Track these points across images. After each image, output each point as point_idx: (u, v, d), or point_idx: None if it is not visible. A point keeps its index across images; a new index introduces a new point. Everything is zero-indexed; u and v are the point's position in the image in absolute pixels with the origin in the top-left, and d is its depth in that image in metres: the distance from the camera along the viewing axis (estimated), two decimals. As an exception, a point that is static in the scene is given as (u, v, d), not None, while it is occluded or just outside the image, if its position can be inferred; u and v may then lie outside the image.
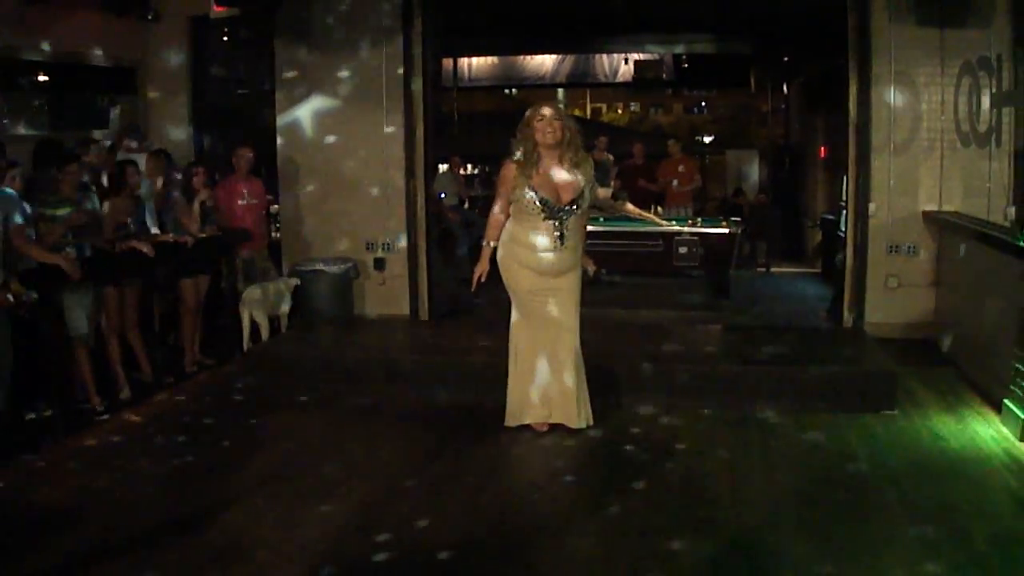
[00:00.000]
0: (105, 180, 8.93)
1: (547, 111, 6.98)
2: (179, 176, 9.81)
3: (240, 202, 10.37)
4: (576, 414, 7.22)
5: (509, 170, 7.03)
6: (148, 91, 11.58)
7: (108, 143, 10.37)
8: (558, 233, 6.96)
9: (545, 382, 7.22)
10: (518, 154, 7.03)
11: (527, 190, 6.91)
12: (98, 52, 11.03)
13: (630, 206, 12.24)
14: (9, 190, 7.43)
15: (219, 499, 6.05)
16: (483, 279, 7.26)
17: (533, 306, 7.15)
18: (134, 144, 10.28)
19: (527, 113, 7.06)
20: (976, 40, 9.52)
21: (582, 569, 5.09)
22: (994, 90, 9.39)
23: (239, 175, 10.49)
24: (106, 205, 8.52)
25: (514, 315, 7.29)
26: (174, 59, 11.49)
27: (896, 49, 9.74)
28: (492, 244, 7.21)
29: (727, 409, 7.84)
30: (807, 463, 6.63)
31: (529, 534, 5.47)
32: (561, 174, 6.99)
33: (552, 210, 6.92)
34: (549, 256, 7.01)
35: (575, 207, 6.99)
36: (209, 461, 6.85)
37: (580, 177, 7.02)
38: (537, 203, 6.91)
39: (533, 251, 7.02)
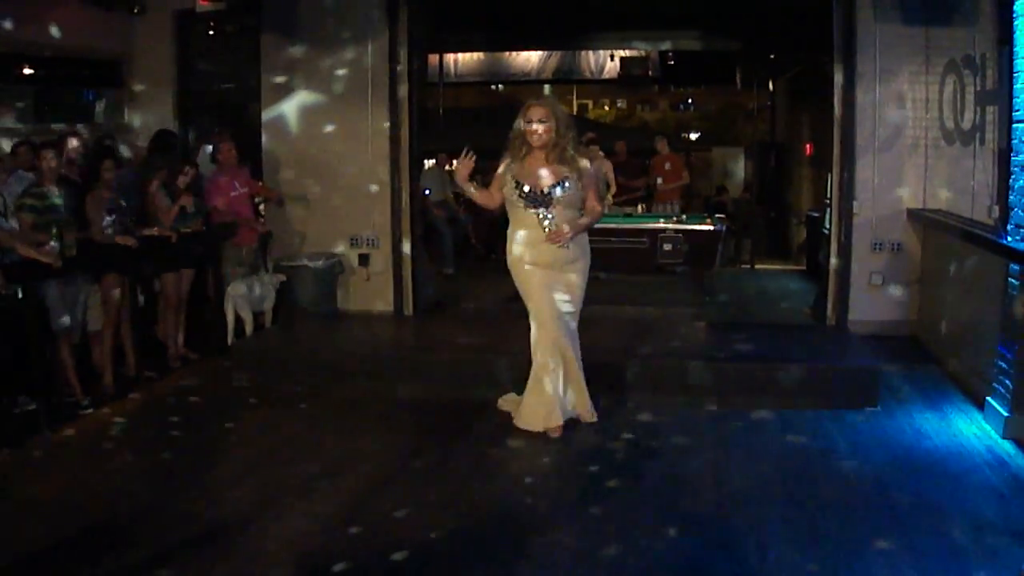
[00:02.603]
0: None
1: (535, 113, 6.95)
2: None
3: (232, 193, 10.30)
4: (589, 407, 7.38)
5: (503, 165, 7.13)
6: (133, 84, 11.54)
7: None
8: (545, 222, 6.93)
9: (563, 385, 7.18)
10: (511, 148, 7.08)
11: (510, 179, 7.01)
12: (84, 45, 10.99)
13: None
14: None
15: (202, 493, 6.06)
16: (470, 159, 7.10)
17: (548, 300, 7.05)
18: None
19: (520, 114, 7.04)
20: (961, 38, 9.55)
21: (564, 566, 5.08)
22: (978, 88, 9.43)
23: (224, 168, 10.42)
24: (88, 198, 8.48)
25: (532, 325, 7.20)
26: (160, 53, 11.45)
27: (881, 47, 9.76)
28: (472, 188, 7.21)
29: (711, 406, 7.87)
30: (790, 460, 6.64)
31: (511, 530, 5.48)
32: (544, 165, 6.98)
33: (530, 198, 6.95)
34: (542, 248, 6.98)
35: (553, 194, 6.92)
36: (192, 455, 6.85)
37: (564, 169, 6.96)
38: (516, 191, 6.97)
39: (528, 245, 7.01)
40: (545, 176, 6.97)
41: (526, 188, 6.95)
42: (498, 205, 7.24)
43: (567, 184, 6.95)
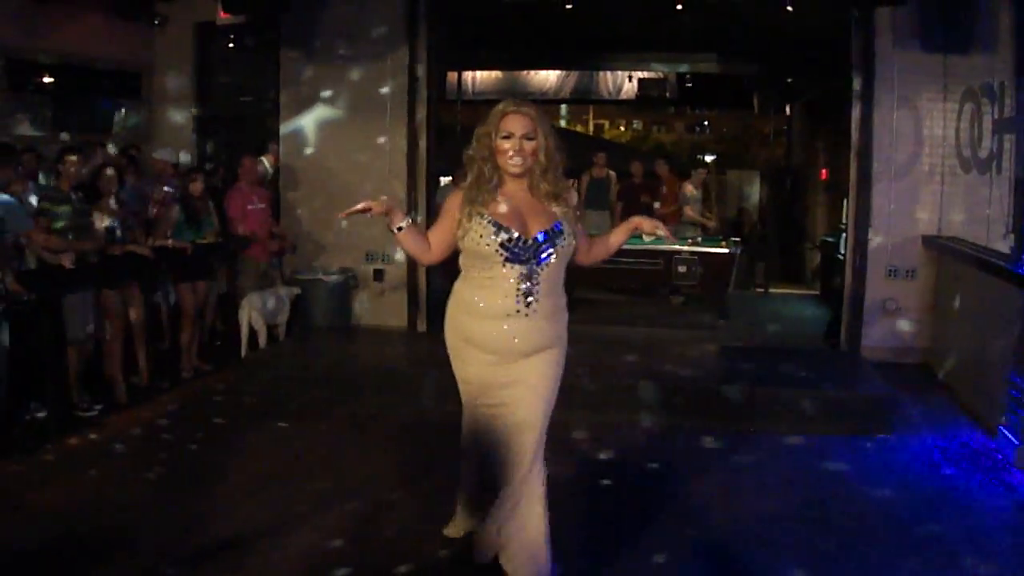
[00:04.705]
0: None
1: (517, 124, 4.74)
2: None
3: (249, 207, 10.34)
4: (530, 560, 4.88)
5: (455, 198, 4.86)
6: (153, 96, 11.60)
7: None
8: (525, 286, 4.69)
9: (477, 495, 5.27)
10: (470, 176, 4.87)
11: (479, 219, 4.71)
12: (104, 56, 11.06)
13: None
14: (6, 197, 7.53)
15: (210, 506, 6.06)
16: (369, 210, 4.66)
17: (483, 408, 4.95)
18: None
19: (489, 120, 4.85)
20: (979, 66, 9.56)
21: (573, 585, 5.08)
22: (996, 117, 9.42)
23: (246, 182, 10.45)
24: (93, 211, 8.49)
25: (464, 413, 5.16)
26: (179, 65, 11.52)
27: (899, 74, 9.78)
28: (407, 220, 4.85)
29: (722, 429, 7.85)
30: (802, 485, 6.62)
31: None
32: (530, 201, 4.84)
33: (515, 249, 4.68)
34: (510, 326, 4.72)
35: (549, 247, 4.72)
36: (201, 467, 6.84)
37: (557, 208, 4.82)
38: (493, 238, 4.66)
39: (484, 318, 4.77)
40: (533, 218, 4.78)
41: (512, 234, 4.67)
42: (436, 259, 4.95)
43: (566, 231, 4.81)
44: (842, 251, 11.09)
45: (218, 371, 9.63)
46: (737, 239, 14.18)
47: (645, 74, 21.55)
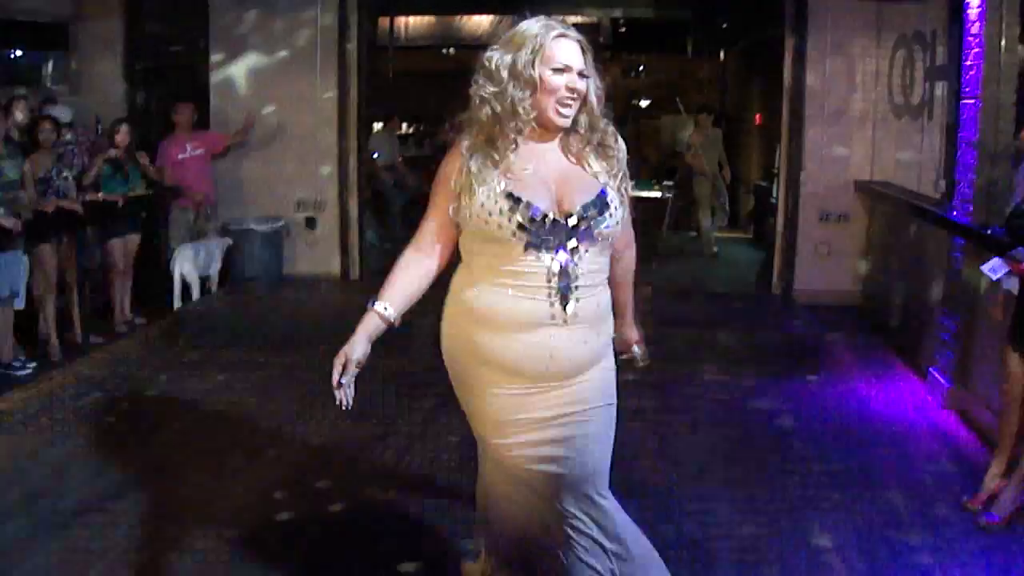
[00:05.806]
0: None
1: (574, 56, 3.30)
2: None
3: (181, 156, 10.24)
4: None
5: (452, 161, 3.36)
6: (81, 47, 11.39)
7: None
8: (562, 283, 3.22)
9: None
10: (475, 129, 3.31)
11: (486, 190, 3.21)
12: (31, 7, 10.84)
13: None
14: None
15: (145, 461, 6.02)
16: (349, 374, 3.76)
17: (508, 455, 3.47)
18: None
19: (522, 45, 3.31)
20: (912, 14, 9.60)
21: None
22: (928, 64, 9.48)
23: (181, 129, 10.39)
24: (27, 163, 8.34)
25: (481, 461, 3.82)
26: (109, 15, 11.30)
27: (832, 20, 9.84)
28: (381, 305, 3.76)
29: (653, 370, 7.89)
30: (732, 426, 6.68)
31: (450, 497, 5.45)
32: (562, 162, 3.35)
33: (540, 232, 3.20)
34: (543, 340, 3.27)
35: (592, 227, 3.25)
36: (136, 422, 6.79)
37: (602, 165, 3.36)
38: (508, 214, 3.18)
39: (506, 330, 3.29)
40: (569, 185, 3.29)
41: (537, 211, 3.19)
42: (447, 258, 3.60)
43: (612, 201, 3.33)
44: (775, 195, 11.16)
45: (151, 323, 9.55)
46: (670, 183, 14.23)
47: (579, 19, 21.47)
